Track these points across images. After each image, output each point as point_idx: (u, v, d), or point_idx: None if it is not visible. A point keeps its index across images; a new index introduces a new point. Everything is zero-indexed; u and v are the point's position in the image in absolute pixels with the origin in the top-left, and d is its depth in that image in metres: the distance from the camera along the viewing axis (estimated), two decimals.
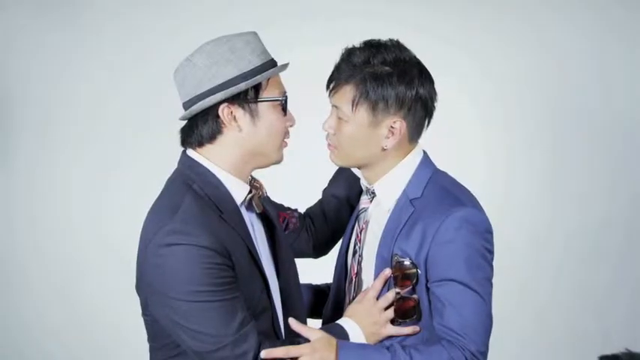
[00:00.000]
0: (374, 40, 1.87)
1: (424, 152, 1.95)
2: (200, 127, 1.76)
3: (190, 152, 1.80)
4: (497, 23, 3.50)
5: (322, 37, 3.18)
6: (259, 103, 1.76)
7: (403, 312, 1.83)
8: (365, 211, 1.97)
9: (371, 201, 1.96)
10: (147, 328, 1.84)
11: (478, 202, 1.89)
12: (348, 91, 1.84)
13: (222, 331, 1.66)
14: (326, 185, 2.25)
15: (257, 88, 1.75)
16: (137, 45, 3.53)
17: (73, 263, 3.62)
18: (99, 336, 3.62)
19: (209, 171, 1.77)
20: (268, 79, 1.77)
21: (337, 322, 1.87)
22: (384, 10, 3.45)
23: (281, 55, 1.87)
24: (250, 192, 1.82)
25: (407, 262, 1.81)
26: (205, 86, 1.73)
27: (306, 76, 2.85)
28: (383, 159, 1.89)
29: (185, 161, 1.80)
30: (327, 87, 1.90)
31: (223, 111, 1.74)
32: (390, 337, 1.86)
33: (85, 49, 3.54)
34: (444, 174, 1.94)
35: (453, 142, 3.49)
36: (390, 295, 1.85)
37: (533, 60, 3.49)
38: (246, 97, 1.74)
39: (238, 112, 1.75)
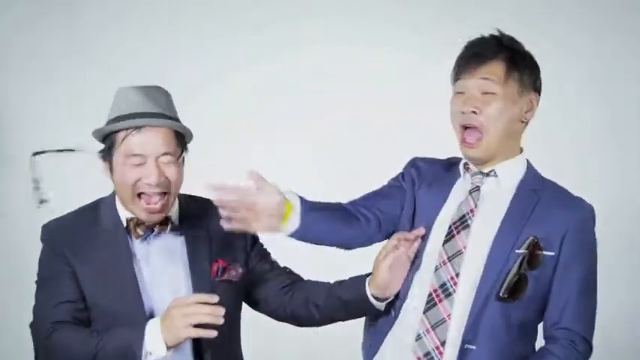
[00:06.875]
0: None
1: None
2: None
3: None
4: (497, 24, 3.49)
5: (322, 37, 3.18)
6: None
7: (513, 290, 1.87)
8: (477, 190, 1.97)
9: (482, 182, 1.98)
10: None
11: None
12: (497, 65, 1.92)
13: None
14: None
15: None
16: (137, 45, 3.53)
17: None
18: None
19: None
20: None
21: None
22: (384, 10, 3.45)
23: (281, 55, 1.87)
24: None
25: (539, 245, 1.88)
26: None
27: (306, 76, 2.84)
28: (513, 138, 1.97)
29: None
30: (466, 65, 1.94)
31: None
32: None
33: (85, 50, 3.54)
34: None
35: (453, 142, 3.49)
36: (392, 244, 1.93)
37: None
38: None
39: None
